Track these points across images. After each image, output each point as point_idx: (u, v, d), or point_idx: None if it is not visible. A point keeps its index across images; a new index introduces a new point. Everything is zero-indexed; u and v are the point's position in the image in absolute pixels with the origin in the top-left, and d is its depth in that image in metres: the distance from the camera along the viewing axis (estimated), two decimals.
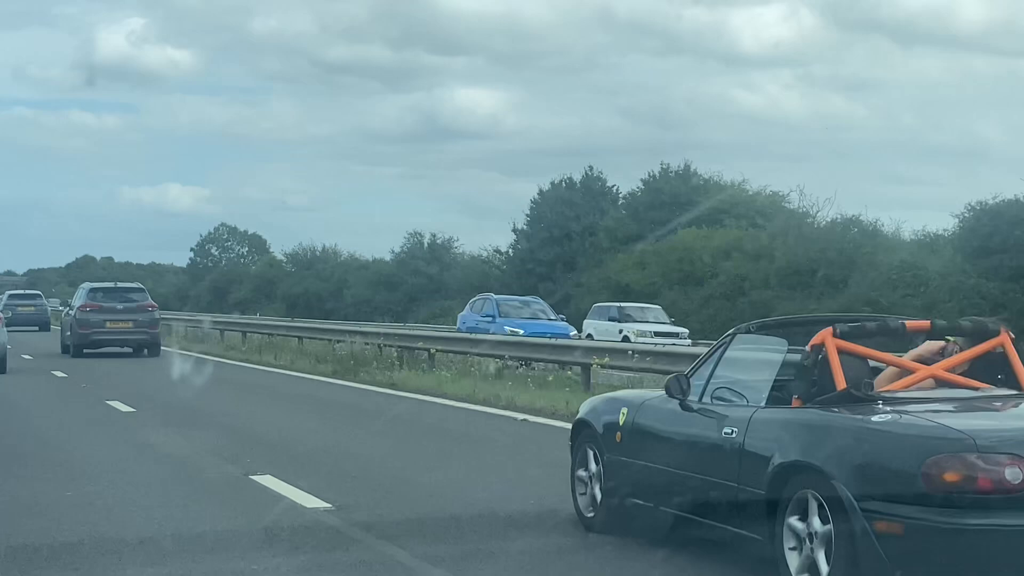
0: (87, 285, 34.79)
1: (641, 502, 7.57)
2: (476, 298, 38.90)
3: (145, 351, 31.49)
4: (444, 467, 11.28)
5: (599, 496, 8.01)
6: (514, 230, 66.84)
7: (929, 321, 7.05)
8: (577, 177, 64.35)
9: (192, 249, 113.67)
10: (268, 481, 10.45)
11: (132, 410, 16.89)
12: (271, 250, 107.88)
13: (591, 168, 64.44)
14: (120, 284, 35.59)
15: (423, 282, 73.00)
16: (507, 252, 67.80)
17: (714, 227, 50.09)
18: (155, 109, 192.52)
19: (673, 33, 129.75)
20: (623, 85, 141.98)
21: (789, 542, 6.23)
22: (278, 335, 35.89)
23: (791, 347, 6.99)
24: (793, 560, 6.22)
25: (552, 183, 64.29)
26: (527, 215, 65.16)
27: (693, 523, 7.11)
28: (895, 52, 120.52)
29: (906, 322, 6.99)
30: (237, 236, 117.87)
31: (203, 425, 14.92)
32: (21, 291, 59.72)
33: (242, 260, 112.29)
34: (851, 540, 5.81)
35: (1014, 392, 6.70)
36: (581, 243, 59.66)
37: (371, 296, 74.14)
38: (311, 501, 9.52)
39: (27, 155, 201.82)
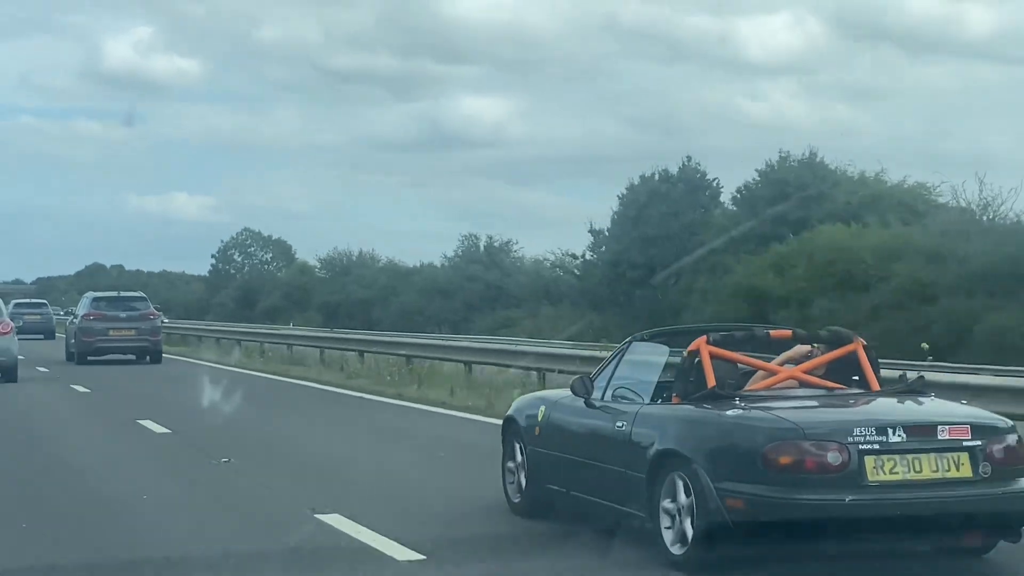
0: (90, 294, 37.44)
1: (556, 488, 8.85)
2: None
3: (148, 358, 34.10)
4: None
5: (524, 483, 9.17)
6: (592, 230, 60.83)
7: (791, 330, 8.26)
8: (674, 169, 58.61)
9: (214, 256, 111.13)
10: (343, 524, 9.46)
11: (167, 431, 15.90)
12: (297, 256, 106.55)
13: (688, 159, 58.96)
14: (123, 293, 38.00)
15: (480, 289, 68.37)
16: (583, 256, 61.96)
17: (857, 223, 44.23)
18: (161, 118, 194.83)
19: (679, 41, 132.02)
20: (628, 93, 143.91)
21: (664, 519, 7.42)
22: (332, 347, 33.91)
23: (672, 351, 8.17)
24: (668, 534, 7.55)
25: (642, 176, 58.67)
26: (614, 212, 59.14)
27: (595, 505, 8.29)
28: (902, 60, 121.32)
29: (770, 331, 8.24)
30: (261, 241, 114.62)
31: (259, 454, 13.81)
32: (27, 300, 61.08)
33: (267, 266, 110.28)
34: (708, 514, 6.97)
35: (861, 391, 7.87)
36: (683, 243, 52.64)
37: (423, 304, 69.40)
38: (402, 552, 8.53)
39: (33, 163, 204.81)
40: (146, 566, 8.13)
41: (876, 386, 8.31)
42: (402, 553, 8.35)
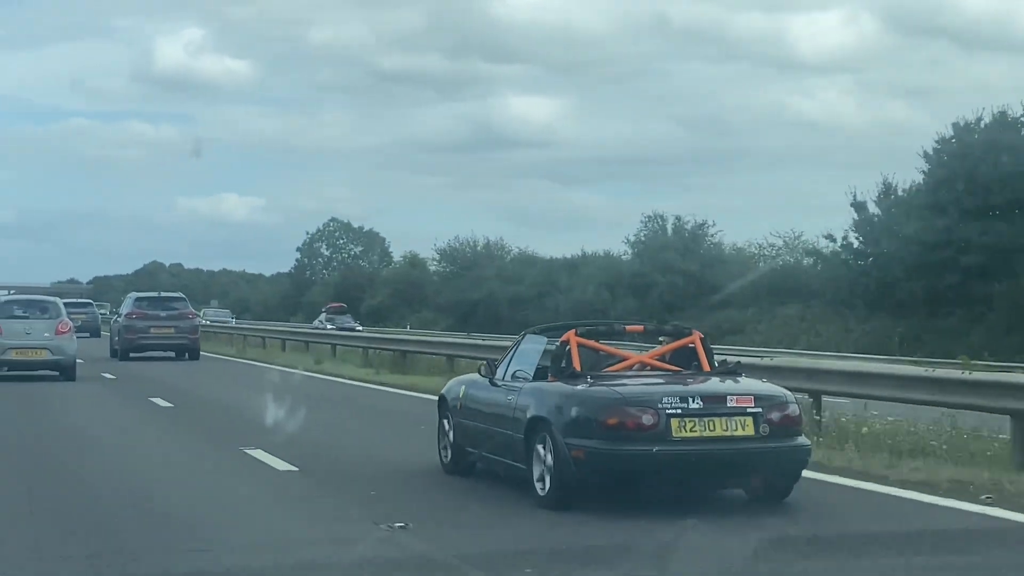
0: (133, 294, 39.95)
1: (471, 449, 11.33)
2: None
3: (186, 355, 36.37)
4: None
5: (449, 453, 11.65)
6: (855, 202, 46.12)
7: (643, 326, 10.76)
8: (1016, 110, 43.42)
9: (299, 249, 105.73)
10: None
11: (293, 469, 12.74)
12: (391, 248, 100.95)
13: None
14: (163, 293, 41.14)
15: (677, 282, 56.79)
16: (842, 241, 47.05)
17: None
18: (211, 119, 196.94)
19: (729, 39, 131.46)
20: (678, 93, 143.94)
21: (536, 469, 9.91)
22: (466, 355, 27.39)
23: (550, 341, 10.69)
24: (537, 480, 9.89)
25: (967, 121, 43.89)
26: (923, 172, 44.41)
27: (497, 462, 10.81)
28: (957, 57, 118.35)
29: (626, 326, 10.70)
30: (351, 233, 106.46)
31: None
32: (74, 300, 64.91)
33: (359, 261, 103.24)
34: (561, 463, 9.49)
35: (691, 372, 10.35)
36: None
37: (606, 302, 57.42)
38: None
39: (84, 165, 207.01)
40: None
41: (707, 368, 10.81)
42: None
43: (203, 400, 22.17)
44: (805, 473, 10.42)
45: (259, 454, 13.50)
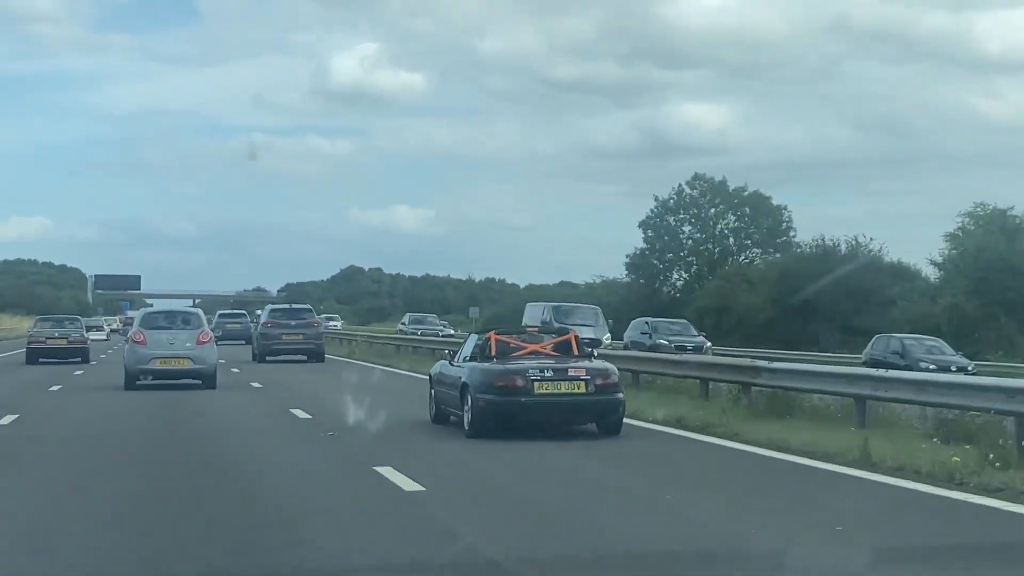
0: (269, 306, 46.64)
1: (443, 407, 18.03)
2: None
3: (314, 359, 42.49)
4: None
5: (434, 408, 18.33)
6: None
7: (537, 327, 17.43)
8: None
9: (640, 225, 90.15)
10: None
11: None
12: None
13: None
14: (294, 305, 47.45)
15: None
16: None
17: None
18: (385, 133, 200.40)
19: (911, 39, 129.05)
20: (855, 95, 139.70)
21: (465, 415, 16.57)
22: None
23: (480, 336, 17.38)
24: (465, 422, 16.67)
25: None
26: None
27: (453, 413, 17.47)
28: None
29: (527, 328, 17.37)
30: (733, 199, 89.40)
31: None
32: (230, 311, 72.48)
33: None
34: (473, 411, 16.18)
35: (566, 356, 16.89)
36: None
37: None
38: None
39: (263, 179, 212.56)
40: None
41: (576, 353, 17.34)
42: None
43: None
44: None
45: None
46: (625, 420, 17.27)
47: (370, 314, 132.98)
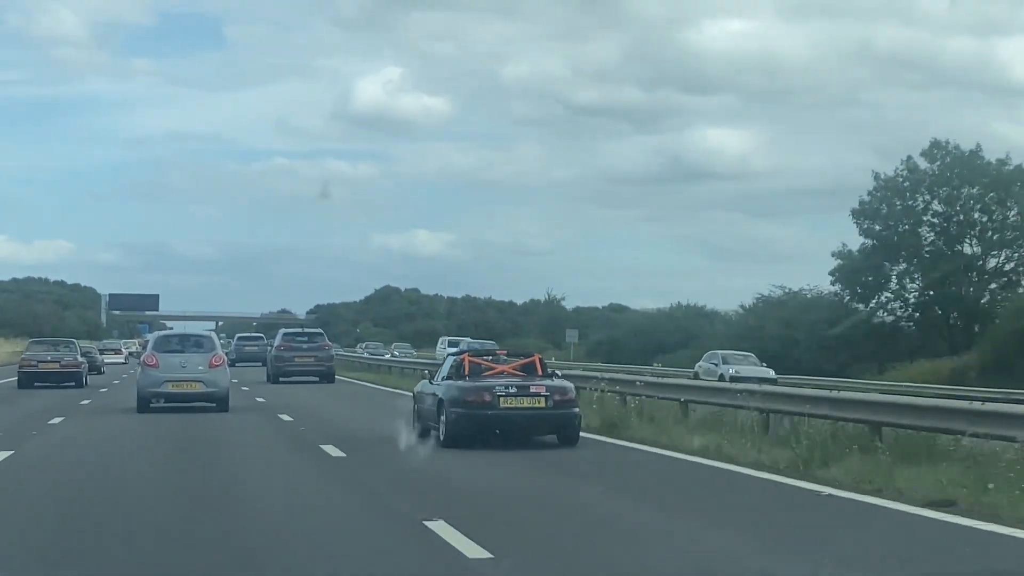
0: (283, 330, 48.80)
1: (423, 421, 20.37)
2: None
3: (325, 380, 44.73)
4: None
5: (416, 423, 20.65)
6: None
7: (506, 351, 19.82)
8: None
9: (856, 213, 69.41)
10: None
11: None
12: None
13: None
14: (306, 329, 48.96)
15: None
16: None
17: None
18: (406, 156, 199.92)
19: (936, 65, 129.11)
20: (879, 121, 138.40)
21: (441, 427, 18.91)
22: None
23: (456, 356, 19.74)
24: (440, 433, 19.00)
25: None
26: None
27: (432, 426, 19.76)
28: None
29: (497, 351, 19.75)
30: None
31: None
32: (247, 334, 74.43)
33: None
34: (447, 423, 18.54)
35: (532, 376, 19.28)
36: None
37: None
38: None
39: (285, 204, 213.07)
40: None
41: (540, 373, 19.68)
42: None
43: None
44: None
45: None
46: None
47: (420, 338, 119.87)
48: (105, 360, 64.13)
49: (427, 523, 11.20)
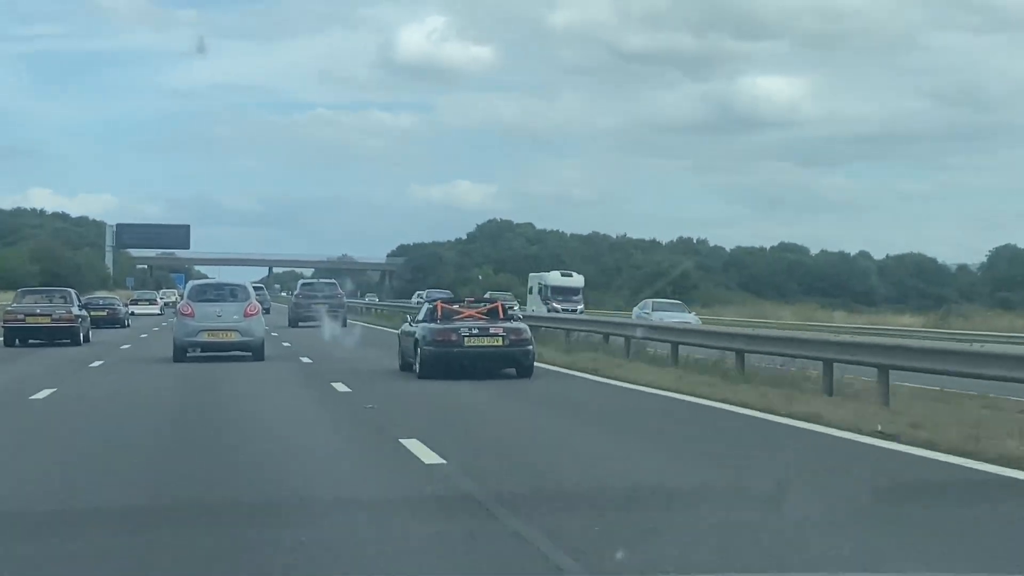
0: (301, 280, 55.34)
1: (406, 357, 23.97)
2: None
3: (338, 323, 48.44)
4: None
5: (400, 359, 24.28)
6: None
7: (474, 297, 23.46)
8: None
9: None
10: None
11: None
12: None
13: None
14: (320, 280, 54.97)
15: None
16: None
17: None
18: (449, 107, 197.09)
19: (996, 8, 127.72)
20: (934, 66, 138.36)
21: (417, 362, 22.61)
22: None
23: (431, 303, 23.39)
24: (416, 368, 22.57)
25: None
26: None
27: (410, 361, 23.40)
28: None
29: (467, 299, 23.46)
30: None
31: None
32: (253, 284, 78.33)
33: None
34: (424, 356, 22.24)
35: (494, 319, 22.90)
36: None
37: None
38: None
39: (326, 154, 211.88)
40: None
41: (501, 317, 23.22)
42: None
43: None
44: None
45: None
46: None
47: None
48: (135, 311, 62.02)
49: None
